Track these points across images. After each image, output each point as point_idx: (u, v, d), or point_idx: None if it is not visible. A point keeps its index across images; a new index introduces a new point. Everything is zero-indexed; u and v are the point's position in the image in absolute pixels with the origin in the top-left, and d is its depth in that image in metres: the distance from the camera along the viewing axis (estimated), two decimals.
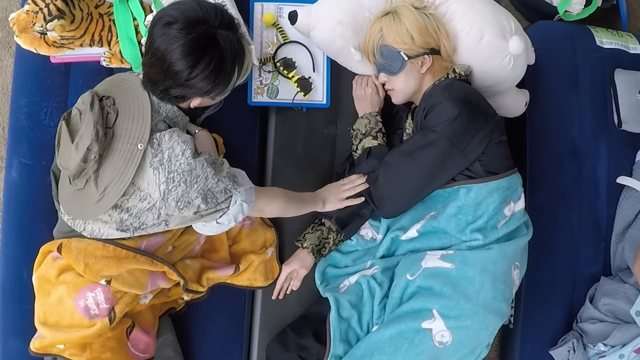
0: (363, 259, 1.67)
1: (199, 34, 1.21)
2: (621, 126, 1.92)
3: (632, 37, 2.05)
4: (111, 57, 1.60)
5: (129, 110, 1.28)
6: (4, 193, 1.61)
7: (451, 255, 1.49)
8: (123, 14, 1.56)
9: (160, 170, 1.25)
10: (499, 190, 1.48)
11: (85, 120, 1.25)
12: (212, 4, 1.26)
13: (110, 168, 1.25)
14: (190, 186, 1.26)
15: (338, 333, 1.52)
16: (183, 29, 1.20)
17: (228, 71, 1.28)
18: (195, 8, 1.23)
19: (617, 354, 1.72)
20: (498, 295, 1.45)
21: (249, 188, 1.37)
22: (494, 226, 1.50)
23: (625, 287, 1.78)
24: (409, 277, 1.50)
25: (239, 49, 1.29)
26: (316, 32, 1.62)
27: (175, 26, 1.20)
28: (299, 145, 1.73)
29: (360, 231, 1.67)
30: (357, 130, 1.66)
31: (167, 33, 1.20)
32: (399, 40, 1.53)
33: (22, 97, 1.62)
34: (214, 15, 1.23)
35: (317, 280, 1.66)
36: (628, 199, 1.88)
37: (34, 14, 1.45)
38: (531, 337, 1.81)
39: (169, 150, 1.26)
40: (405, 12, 1.54)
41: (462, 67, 1.58)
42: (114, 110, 1.28)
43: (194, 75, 1.22)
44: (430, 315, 1.42)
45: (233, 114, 1.70)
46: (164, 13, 1.24)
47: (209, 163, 1.29)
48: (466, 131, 1.43)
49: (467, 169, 1.48)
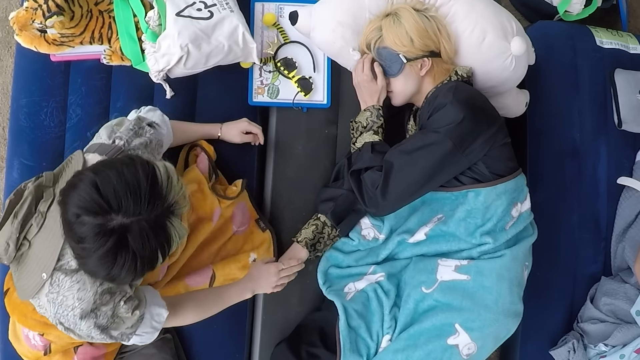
0: (366, 259, 1.66)
1: (108, 239, 1.02)
2: (621, 126, 1.92)
3: (632, 37, 2.05)
4: (111, 55, 1.59)
5: (50, 228, 1.17)
6: (5, 194, 1.60)
7: (466, 266, 1.50)
8: (123, 11, 1.56)
9: (52, 305, 1.18)
10: (506, 193, 1.48)
11: (6, 227, 1.19)
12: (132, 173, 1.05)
13: (24, 273, 1.20)
14: (77, 331, 1.21)
15: (348, 343, 1.52)
16: (92, 235, 1.02)
17: (148, 263, 1.09)
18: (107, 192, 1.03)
19: (618, 354, 1.72)
20: (515, 299, 1.50)
21: (152, 328, 1.30)
22: (502, 228, 1.51)
23: (625, 287, 1.78)
24: (425, 289, 1.51)
25: (158, 241, 1.06)
26: (316, 33, 1.62)
27: (83, 229, 1.03)
28: (299, 145, 1.73)
29: (362, 231, 1.66)
30: (359, 122, 1.61)
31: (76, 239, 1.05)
32: (398, 42, 1.52)
33: (22, 97, 1.62)
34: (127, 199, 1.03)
35: (319, 280, 1.66)
36: (628, 199, 1.89)
37: (33, 11, 1.45)
38: (531, 337, 1.82)
39: (62, 297, 1.17)
40: (405, 14, 1.52)
41: (464, 69, 1.57)
42: (38, 224, 1.18)
43: (114, 275, 1.07)
44: (454, 330, 1.46)
45: (233, 114, 1.69)
46: (68, 201, 1.04)
47: (98, 326, 1.19)
48: (470, 134, 1.42)
49: (474, 172, 1.48)
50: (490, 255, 1.51)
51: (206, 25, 1.55)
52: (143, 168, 1.06)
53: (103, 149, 1.26)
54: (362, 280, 1.63)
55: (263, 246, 1.65)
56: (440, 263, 1.54)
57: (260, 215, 1.67)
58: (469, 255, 1.53)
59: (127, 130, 1.31)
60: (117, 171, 1.03)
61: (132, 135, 1.31)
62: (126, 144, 1.28)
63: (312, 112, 1.73)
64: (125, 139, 1.29)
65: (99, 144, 1.29)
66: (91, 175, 1.03)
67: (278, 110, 1.74)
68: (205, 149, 1.60)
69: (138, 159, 1.08)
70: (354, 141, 1.62)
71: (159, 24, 1.54)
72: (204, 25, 1.55)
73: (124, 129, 1.32)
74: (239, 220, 1.63)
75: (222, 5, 1.59)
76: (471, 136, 1.42)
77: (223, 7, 1.59)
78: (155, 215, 1.05)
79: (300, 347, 1.59)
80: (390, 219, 1.63)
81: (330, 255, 1.68)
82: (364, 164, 1.54)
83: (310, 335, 1.61)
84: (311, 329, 1.63)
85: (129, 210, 1.02)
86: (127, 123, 1.35)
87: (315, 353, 1.56)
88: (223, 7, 1.59)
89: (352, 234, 1.68)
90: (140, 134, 1.33)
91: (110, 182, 1.02)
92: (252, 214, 1.66)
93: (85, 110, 1.64)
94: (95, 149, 1.27)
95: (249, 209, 1.66)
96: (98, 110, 1.65)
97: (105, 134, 1.31)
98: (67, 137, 1.63)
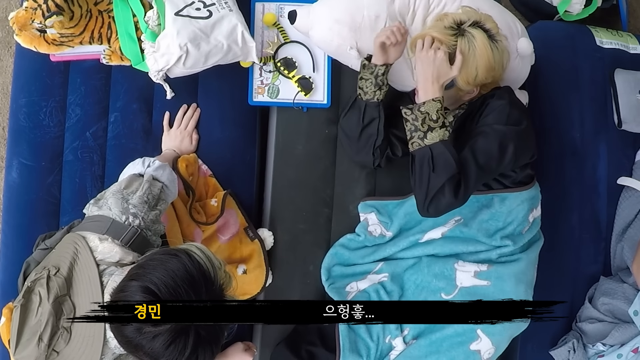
0: (372, 256, 1.66)
1: (186, 343, 0.98)
2: (621, 126, 1.92)
3: (632, 37, 2.04)
4: (111, 55, 1.59)
5: (81, 338, 1.10)
6: (4, 194, 1.60)
7: (485, 272, 1.52)
8: (123, 11, 1.55)
9: None
10: (529, 199, 1.53)
11: (30, 349, 1.09)
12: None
13: None
14: None
15: (347, 343, 1.52)
16: (166, 346, 0.97)
17: (216, 345, 1.04)
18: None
19: (616, 353, 1.72)
20: (529, 298, 1.54)
21: None
22: (520, 232, 1.55)
23: (624, 286, 1.78)
24: (444, 295, 1.53)
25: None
26: (314, 32, 1.62)
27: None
28: (299, 145, 1.72)
29: (369, 227, 1.67)
30: (426, 114, 1.37)
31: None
32: (464, 75, 1.42)
33: (21, 97, 1.61)
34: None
35: (322, 276, 1.66)
36: (628, 198, 1.89)
37: (32, 11, 1.45)
38: (531, 337, 1.81)
39: None
40: (481, 44, 1.40)
41: None
42: (66, 340, 1.10)
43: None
44: (476, 336, 1.49)
45: (233, 114, 1.69)
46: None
47: None
48: (527, 141, 1.45)
49: (504, 177, 1.51)
50: (507, 258, 1.54)
51: (205, 24, 1.55)
52: (187, 259, 1.00)
53: (117, 231, 1.17)
54: (365, 280, 1.63)
55: (253, 258, 1.63)
56: (457, 268, 1.54)
57: (250, 224, 1.65)
58: (487, 257, 1.55)
59: (141, 204, 1.21)
60: (167, 271, 0.97)
61: (147, 211, 1.22)
62: (142, 223, 1.19)
63: (312, 111, 1.73)
64: (141, 217, 1.20)
65: (110, 221, 1.17)
66: (141, 285, 0.96)
67: (278, 110, 1.73)
68: (177, 167, 1.56)
69: (177, 252, 1.01)
70: (420, 136, 1.38)
71: (158, 23, 1.54)
72: (203, 24, 1.54)
73: (137, 201, 1.22)
74: (228, 230, 1.62)
75: (221, 5, 1.59)
76: (528, 143, 1.45)
77: (222, 6, 1.59)
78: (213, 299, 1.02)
79: (300, 346, 1.60)
80: (401, 218, 1.63)
81: (335, 252, 1.68)
82: (448, 173, 1.35)
83: (310, 335, 1.62)
84: (311, 328, 1.63)
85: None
86: (138, 190, 1.24)
87: (315, 353, 1.56)
88: (222, 6, 1.58)
89: (358, 229, 1.68)
90: (153, 206, 1.25)
91: (166, 284, 0.96)
92: (241, 222, 1.65)
93: (85, 110, 1.63)
94: (106, 229, 1.16)
95: (238, 216, 1.64)
96: (97, 110, 1.64)
97: (117, 207, 1.19)
98: (66, 136, 1.63)
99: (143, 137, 1.66)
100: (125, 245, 1.16)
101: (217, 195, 1.62)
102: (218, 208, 1.59)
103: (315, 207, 1.71)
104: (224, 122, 1.68)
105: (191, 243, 1.06)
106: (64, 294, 1.12)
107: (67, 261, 1.13)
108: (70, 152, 1.62)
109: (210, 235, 1.60)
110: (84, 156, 1.62)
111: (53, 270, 1.13)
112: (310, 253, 1.71)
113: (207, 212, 1.60)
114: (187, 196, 1.59)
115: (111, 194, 1.23)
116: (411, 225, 1.63)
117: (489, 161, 1.39)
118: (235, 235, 1.64)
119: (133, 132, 1.65)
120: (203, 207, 1.61)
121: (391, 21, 1.58)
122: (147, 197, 1.24)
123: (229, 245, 1.63)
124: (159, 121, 1.66)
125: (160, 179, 1.33)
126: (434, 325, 1.53)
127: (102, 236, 1.15)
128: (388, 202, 1.68)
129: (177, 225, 1.53)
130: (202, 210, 1.60)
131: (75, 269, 1.14)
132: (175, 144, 1.62)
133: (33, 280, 1.15)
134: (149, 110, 1.67)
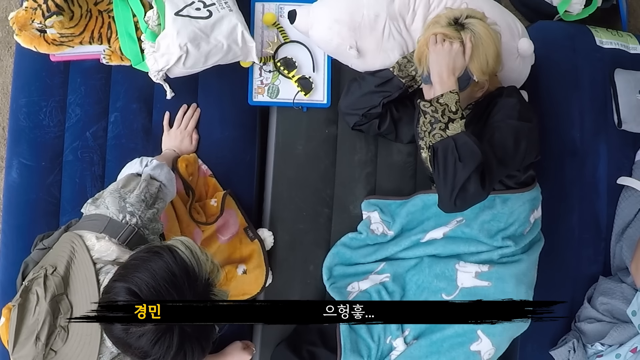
0: (373, 255, 1.66)
1: (171, 340, 1.00)
2: (621, 126, 1.91)
3: (632, 37, 2.04)
4: (111, 55, 1.59)
5: (79, 336, 1.11)
6: (4, 193, 1.60)
7: (487, 273, 1.52)
8: (123, 11, 1.55)
9: None
10: (530, 200, 1.53)
11: (28, 349, 1.11)
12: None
13: None
14: None
15: (349, 343, 1.53)
16: (153, 344, 0.99)
17: (207, 342, 1.06)
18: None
19: (614, 353, 1.72)
20: (530, 299, 1.54)
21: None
22: (521, 233, 1.56)
23: (622, 286, 1.78)
24: (445, 296, 1.53)
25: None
26: (314, 31, 1.62)
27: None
28: (299, 145, 1.72)
29: (371, 225, 1.67)
30: (445, 105, 1.35)
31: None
32: (477, 67, 1.41)
33: (21, 97, 1.61)
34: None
35: (324, 276, 1.67)
36: (627, 198, 1.88)
37: (32, 11, 1.45)
38: (531, 337, 1.81)
39: None
40: (484, 32, 1.40)
41: None
42: (63, 339, 1.11)
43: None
44: (476, 337, 1.50)
45: (233, 114, 1.69)
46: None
47: None
48: (536, 138, 1.46)
49: (508, 178, 1.51)
50: (508, 259, 1.54)
51: (205, 24, 1.55)
52: (170, 257, 1.01)
53: (114, 229, 1.18)
54: (366, 280, 1.63)
55: (253, 258, 1.63)
56: (458, 268, 1.54)
57: (249, 224, 1.66)
58: (488, 258, 1.55)
59: (138, 203, 1.22)
60: (149, 272, 0.99)
61: (144, 210, 1.22)
62: (139, 222, 1.20)
63: (312, 111, 1.73)
64: (138, 215, 1.21)
65: (107, 220, 1.19)
66: (125, 286, 0.99)
67: (278, 110, 1.73)
68: (176, 167, 1.57)
69: (160, 249, 1.03)
70: (441, 127, 1.36)
71: (158, 23, 1.54)
72: (203, 24, 1.54)
73: (134, 199, 1.22)
74: (228, 230, 1.62)
75: (221, 4, 1.59)
76: (535, 140, 1.46)
77: (222, 6, 1.59)
78: (199, 296, 1.03)
79: (301, 346, 1.60)
80: (403, 218, 1.63)
81: (337, 252, 1.68)
82: (475, 162, 1.32)
83: (311, 335, 1.62)
84: (311, 328, 1.63)
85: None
86: (135, 189, 1.25)
87: (316, 353, 1.56)
88: (222, 6, 1.59)
89: (360, 227, 1.69)
90: (151, 204, 1.26)
91: (147, 284, 0.98)
92: (241, 222, 1.65)
93: (85, 110, 1.64)
94: (103, 227, 1.18)
95: (238, 216, 1.65)
96: (97, 110, 1.64)
97: (114, 206, 1.20)
98: (66, 136, 1.63)
99: (143, 137, 1.66)
100: (123, 243, 1.17)
101: (217, 195, 1.62)
102: (218, 208, 1.59)
103: (315, 207, 1.71)
104: (224, 122, 1.68)
105: (177, 238, 1.07)
106: (61, 293, 1.13)
107: (64, 260, 1.14)
108: (70, 152, 1.62)
109: (210, 235, 1.60)
110: (84, 156, 1.63)
111: (50, 269, 1.14)
112: (310, 253, 1.71)
113: (206, 212, 1.60)
114: (187, 196, 1.59)
115: (108, 193, 1.24)
116: (413, 225, 1.63)
117: (505, 155, 1.40)
118: (235, 236, 1.64)
119: (133, 132, 1.65)
120: (203, 207, 1.61)
121: (391, 21, 1.59)
122: (144, 196, 1.25)
123: (228, 245, 1.63)
124: (159, 121, 1.66)
125: (158, 178, 1.34)
126: (435, 326, 1.53)
127: (99, 235, 1.17)
128: (391, 202, 1.68)
129: (176, 225, 1.53)
130: (201, 210, 1.60)
131: (72, 267, 1.15)
132: (175, 143, 1.63)
133: (30, 280, 1.16)
134: (149, 110, 1.67)
